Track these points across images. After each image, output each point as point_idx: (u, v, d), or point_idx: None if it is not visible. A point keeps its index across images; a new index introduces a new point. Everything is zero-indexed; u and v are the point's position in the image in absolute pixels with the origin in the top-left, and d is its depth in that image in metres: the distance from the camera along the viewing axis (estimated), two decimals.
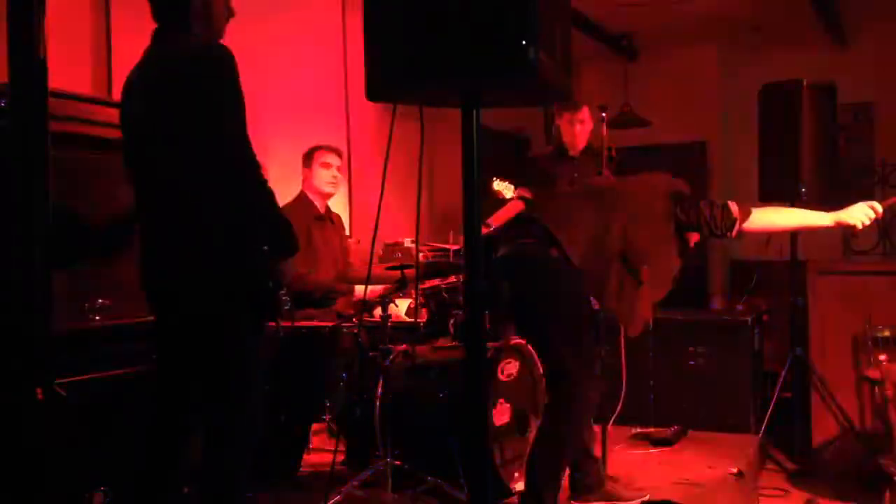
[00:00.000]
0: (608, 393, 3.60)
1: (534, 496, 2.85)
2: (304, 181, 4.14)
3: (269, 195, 2.40)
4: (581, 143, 4.35)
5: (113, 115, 2.57)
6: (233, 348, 2.37)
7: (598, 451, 3.34)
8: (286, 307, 2.81)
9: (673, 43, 6.73)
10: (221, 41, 2.45)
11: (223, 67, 2.28)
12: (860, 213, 2.97)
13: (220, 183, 2.29)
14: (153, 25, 2.43)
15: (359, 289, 3.85)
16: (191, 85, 2.28)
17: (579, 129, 4.31)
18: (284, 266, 2.41)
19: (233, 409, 2.38)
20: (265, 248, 2.35)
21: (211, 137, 2.28)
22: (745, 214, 2.92)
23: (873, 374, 3.92)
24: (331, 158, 4.11)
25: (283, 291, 2.45)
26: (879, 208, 3.00)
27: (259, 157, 2.37)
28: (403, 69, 1.55)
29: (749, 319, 4.57)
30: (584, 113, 4.33)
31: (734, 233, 2.92)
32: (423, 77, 1.57)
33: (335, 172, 4.12)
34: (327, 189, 4.11)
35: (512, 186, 4.23)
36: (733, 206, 2.93)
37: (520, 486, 3.31)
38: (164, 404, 2.45)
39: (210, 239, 2.31)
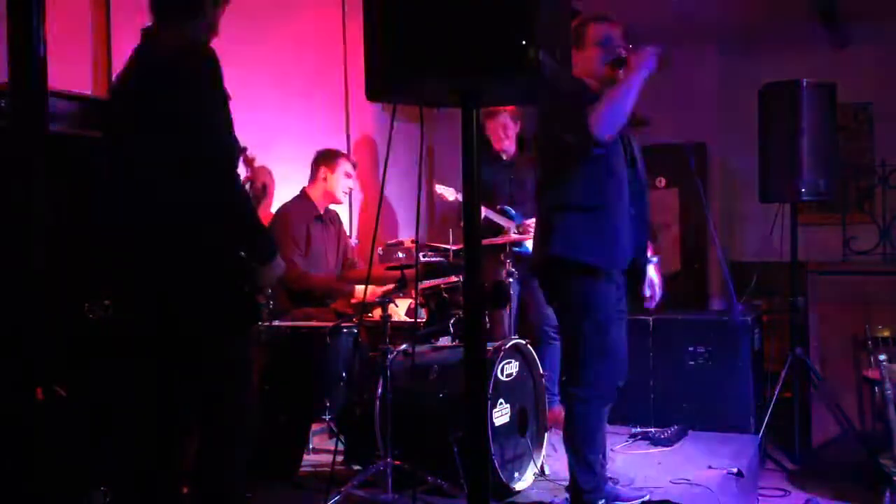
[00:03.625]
0: None
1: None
2: (314, 179, 4.11)
3: (248, 199, 2.41)
4: (512, 146, 4.59)
5: None
6: (219, 350, 2.37)
7: None
8: (266, 309, 2.81)
9: (672, 43, 6.71)
10: (216, 38, 2.45)
11: (206, 69, 2.28)
12: None
13: (198, 186, 2.28)
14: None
15: (359, 289, 3.85)
16: (173, 86, 2.28)
17: (503, 134, 4.53)
18: (264, 270, 2.41)
19: (227, 409, 2.38)
20: (242, 252, 2.36)
21: (191, 139, 2.27)
22: None
23: (873, 374, 3.92)
24: (351, 170, 4.19)
25: (261, 295, 2.46)
26: None
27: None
28: (403, 69, 1.55)
29: (749, 319, 4.56)
30: (505, 118, 4.50)
31: None
32: (422, 77, 1.57)
33: (352, 184, 4.24)
34: (342, 198, 4.20)
35: (452, 189, 4.38)
36: None
37: (520, 485, 3.32)
38: (161, 405, 2.45)
39: (188, 242, 2.31)
